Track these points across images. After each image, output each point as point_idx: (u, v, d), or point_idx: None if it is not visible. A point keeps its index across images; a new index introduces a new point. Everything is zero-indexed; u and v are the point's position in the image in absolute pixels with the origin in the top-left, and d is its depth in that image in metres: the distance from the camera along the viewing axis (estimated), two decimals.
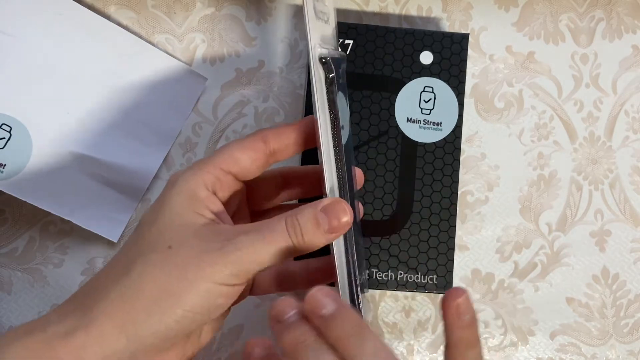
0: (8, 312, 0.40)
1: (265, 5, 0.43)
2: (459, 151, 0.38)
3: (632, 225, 0.43)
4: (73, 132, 0.39)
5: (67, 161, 0.39)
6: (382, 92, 0.38)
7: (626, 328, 0.43)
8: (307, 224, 0.26)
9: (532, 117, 0.43)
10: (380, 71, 0.38)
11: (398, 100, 0.38)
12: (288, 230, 0.26)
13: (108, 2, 0.42)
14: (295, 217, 0.26)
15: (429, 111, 0.38)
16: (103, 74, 0.40)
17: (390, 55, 0.38)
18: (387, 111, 0.38)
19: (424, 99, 0.38)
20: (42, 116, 0.38)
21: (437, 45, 0.38)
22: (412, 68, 0.38)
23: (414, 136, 0.38)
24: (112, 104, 0.40)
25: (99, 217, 0.39)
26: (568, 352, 0.42)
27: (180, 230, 0.26)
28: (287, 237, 0.26)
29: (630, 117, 0.44)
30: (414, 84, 0.38)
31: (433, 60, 0.38)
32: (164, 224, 0.26)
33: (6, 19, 0.38)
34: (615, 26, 0.44)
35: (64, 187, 0.39)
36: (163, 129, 0.41)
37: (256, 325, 0.41)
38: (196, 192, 0.27)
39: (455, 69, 0.38)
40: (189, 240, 0.26)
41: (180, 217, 0.26)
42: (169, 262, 0.25)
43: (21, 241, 0.41)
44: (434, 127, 0.38)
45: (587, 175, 0.43)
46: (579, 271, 0.43)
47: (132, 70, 0.40)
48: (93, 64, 0.40)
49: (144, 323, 0.25)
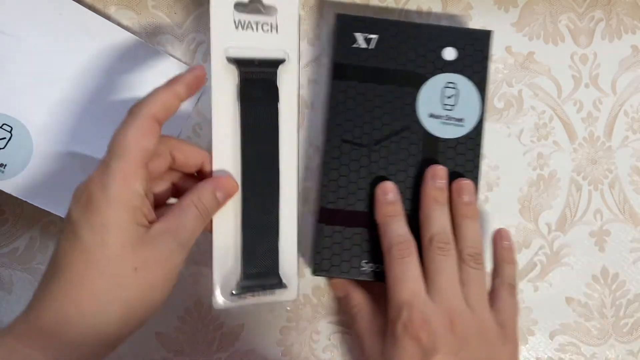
0: (9, 312, 0.40)
1: None
2: (480, 148, 0.38)
3: (632, 225, 0.43)
4: (73, 132, 0.39)
5: (68, 161, 0.39)
6: (405, 87, 0.38)
7: (626, 328, 0.43)
8: (210, 202, 0.33)
9: (531, 117, 0.43)
10: (403, 66, 0.38)
11: (420, 95, 0.38)
12: (201, 213, 0.32)
13: (108, 2, 0.42)
14: (200, 200, 0.32)
15: (451, 107, 0.38)
16: (103, 74, 0.40)
17: (414, 50, 0.38)
18: (409, 106, 0.38)
19: (447, 94, 0.39)
20: (43, 116, 0.38)
21: (461, 41, 0.39)
22: (435, 64, 0.38)
23: (436, 132, 0.38)
24: (113, 104, 0.40)
25: None
26: (567, 351, 0.42)
27: (130, 250, 0.29)
28: (200, 217, 0.32)
29: (629, 117, 0.44)
30: (437, 80, 0.38)
31: (456, 56, 0.39)
32: (115, 247, 0.29)
33: (6, 19, 0.38)
34: (614, 26, 0.44)
35: (65, 187, 0.39)
36: (163, 129, 0.41)
37: (256, 325, 0.41)
38: (134, 203, 0.29)
39: (478, 66, 0.39)
40: (136, 251, 0.29)
41: (127, 236, 0.29)
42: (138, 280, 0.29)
43: (22, 241, 0.41)
44: (456, 123, 0.38)
45: (586, 175, 0.43)
46: (578, 271, 0.43)
47: (133, 70, 0.40)
48: (93, 64, 0.40)
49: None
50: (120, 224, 0.29)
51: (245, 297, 0.36)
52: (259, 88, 0.35)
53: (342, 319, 0.42)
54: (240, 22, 0.34)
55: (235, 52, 0.34)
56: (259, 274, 0.36)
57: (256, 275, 0.36)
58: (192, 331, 0.41)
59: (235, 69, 0.35)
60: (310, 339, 0.41)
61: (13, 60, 0.38)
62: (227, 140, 0.35)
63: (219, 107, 0.35)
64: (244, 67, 0.35)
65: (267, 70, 0.35)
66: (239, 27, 0.34)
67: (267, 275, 0.36)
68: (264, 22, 0.35)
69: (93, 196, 0.29)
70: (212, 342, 0.41)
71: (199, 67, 0.33)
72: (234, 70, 0.35)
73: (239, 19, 0.34)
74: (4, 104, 0.38)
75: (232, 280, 0.35)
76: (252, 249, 0.36)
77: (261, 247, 0.36)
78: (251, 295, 0.36)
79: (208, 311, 0.41)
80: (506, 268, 0.38)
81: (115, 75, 0.40)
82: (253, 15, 0.35)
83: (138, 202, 0.29)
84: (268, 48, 0.35)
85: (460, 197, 0.37)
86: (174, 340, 0.41)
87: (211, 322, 0.41)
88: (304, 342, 0.41)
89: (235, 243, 0.35)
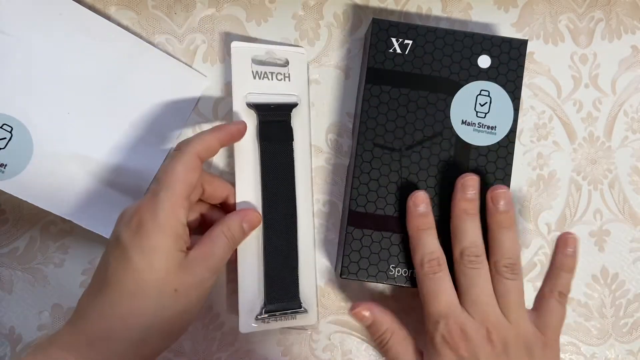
0: (9, 312, 0.40)
1: (265, 6, 0.43)
2: (512, 156, 0.38)
3: (632, 225, 0.43)
4: (74, 133, 0.39)
5: (68, 161, 0.39)
6: (439, 94, 0.38)
7: (625, 327, 0.43)
8: (238, 233, 0.36)
9: (531, 117, 0.43)
10: (437, 72, 0.38)
11: (454, 102, 0.38)
12: (229, 242, 0.35)
13: (108, 2, 0.42)
14: (229, 230, 0.35)
15: (484, 114, 0.38)
16: (103, 74, 0.40)
17: (449, 57, 0.39)
18: (442, 112, 0.38)
19: (480, 102, 0.39)
20: (43, 116, 0.38)
21: (496, 49, 0.39)
22: (469, 71, 0.39)
23: (468, 139, 0.38)
24: (113, 104, 0.40)
25: (99, 216, 0.39)
26: (567, 351, 0.43)
27: (173, 273, 0.32)
28: (228, 246, 0.35)
29: (629, 117, 0.44)
30: (471, 87, 0.39)
31: (491, 64, 0.39)
32: (161, 270, 0.32)
33: (6, 19, 0.38)
34: (614, 26, 0.44)
35: (65, 187, 0.39)
36: (163, 129, 0.41)
37: None
38: (178, 230, 0.32)
39: (512, 74, 0.39)
40: (177, 274, 0.32)
41: (171, 260, 0.32)
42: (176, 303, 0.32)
43: (22, 241, 0.41)
44: (489, 131, 0.38)
45: (586, 175, 0.44)
46: (578, 271, 0.43)
47: (132, 70, 0.40)
48: (93, 64, 0.40)
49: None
50: (166, 249, 0.32)
51: (269, 322, 0.39)
52: (275, 129, 0.40)
53: (343, 319, 0.42)
54: (257, 73, 0.40)
55: (253, 98, 0.40)
56: (281, 299, 0.39)
57: (279, 300, 0.39)
58: (192, 331, 0.41)
59: (254, 112, 0.39)
60: (310, 339, 0.41)
61: (13, 60, 0.38)
62: (249, 175, 0.39)
63: (241, 146, 0.39)
64: (262, 111, 0.39)
65: (282, 113, 0.40)
66: (257, 77, 0.40)
67: (289, 300, 0.39)
68: (277, 72, 0.40)
69: (144, 222, 0.31)
70: (212, 342, 0.41)
71: (242, 122, 0.38)
72: (253, 113, 0.39)
73: (256, 71, 0.40)
74: (4, 104, 0.38)
75: (256, 305, 0.39)
76: (274, 275, 0.39)
77: (282, 273, 0.39)
78: (274, 320, 0.39)
79: (208, 311, 0.41)
80: (563, 276, 0.36)
81: (115, 75, 0.40)
82: (268, 67, 0.40)
83: (181, 230, 0.32)
84: (282, 94, 0.40)
85: (496, 205, 0.36)
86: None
87: (211, 322, 0.41)
88: (304, 342, 0.41)
89: (259, 270, 0.39)
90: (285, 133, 0.40)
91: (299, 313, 0.39)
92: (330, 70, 0.43)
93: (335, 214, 0.42)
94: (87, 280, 0.41)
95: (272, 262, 0.39)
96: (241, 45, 0.40)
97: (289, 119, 0.40)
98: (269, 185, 0.39)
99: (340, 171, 0.42)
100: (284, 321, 0.39)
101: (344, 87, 0.43)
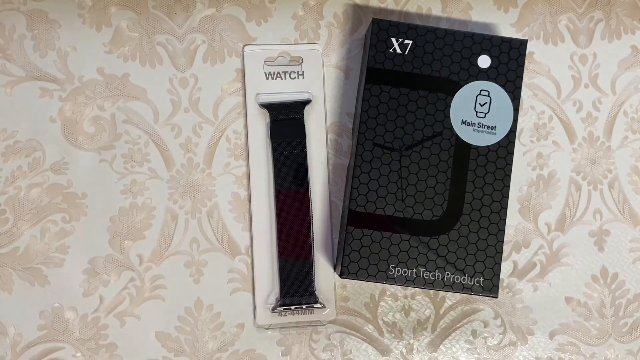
0: (9, 312, 0.40)
1: (266, 6, 0.43)
2: (511, 156, 0.38)
3: (631, 225, 0.43)
4: None
5: None
6: (438, 94, 0.38)
7: (625, 327, 0.43)
8: None
9: (531, 117, 0.43)
10: (437, 72, 0.39)
11: (454, 102, 0.38)
12: None
13: (109, 2, 0.42)
14: None
15: (484, 115, 0.39)
16: None
17: (449, 57, 0.39)
18: (442, 112, 0.38)
19: (480, 102, 0.39)
20: None
21: (496, 49, 0.39)
22: (469, 71, 0.39)
23: (468, 139, 0.38)
24: None
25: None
26: (567, 351, 0.43)
27: None
28: None
29: (629, 117, 0.44)
30: (471, 87, 0.39)
31: (491, 64, 0.39)
32: None
33: None
34: (614, 27, 0.44)
35: None
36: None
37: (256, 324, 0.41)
38: None
39: (512, 74, 0.39)
40: None
41: None
42: None
43: (22, 241, 0.41)
44: (488, 131, 0.38)
45: (586, 175, 0.44)
46: (578, 271, 0.43)
47: None
48: None
49: None
50: None
51: (285, 315, 0.40)
52: (286, 127, 0.41)
53: (343, 319, 0.42)
54: (270, 73, 0.41)
55: (265, 98, 0.41)
56: (295, 293, 0.40)
57: (293, 294, 0.40)
58: (192, 331, 0.41)
59: (266, 112, 0.41)
60: (310, 339, 0.41)
61: None
62: (263, 173, 0.41)
63: (254, 145, 0.41)
64: (273, 110, 0.41)
65: (295, 111, 0.41)
66: (269, 78, 0.41)
67: (303, 294, 0.40)
68: (291, 71, 0.41)
69: None
70: (212, 342, 0.41)
71: None
72: (266, 113, 0.41)
73: (269, 71, 0.41)
74: None
75: (271, 298, 0.40)
76: (288, 270, 0.40)
77: (296, 268, 0.40)
78: (291, 313, 0.40)
79: (208, 311, 0.41)
80: None
81: None
82: (281, 67, 0.41)
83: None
84: (295, 92, 0.41)
85: None
86: (174, 340, 0.41)
87: (211, 322, 0.41)
88: (304, 342, 0.41)
89: (273, 265, 0.40)
90: (297, 130, 0.41)
91: (315, 308, 0.40)
92: (330, 70, 0.43)
93: (335, 214, 0.42)
94: (87, 280, 0.41)
95: (285, 258, 0.40)
96: (254, 48, 0.41)
97: (302, 115, 0.41)
98: (280, 182, 0.40)
99: (340, 171, 0.42)
100: (300, 315, 0.40)
101: (344, 87, 0.43)
